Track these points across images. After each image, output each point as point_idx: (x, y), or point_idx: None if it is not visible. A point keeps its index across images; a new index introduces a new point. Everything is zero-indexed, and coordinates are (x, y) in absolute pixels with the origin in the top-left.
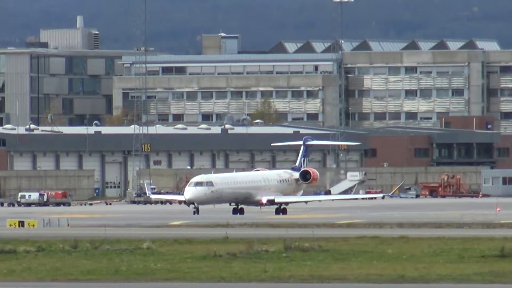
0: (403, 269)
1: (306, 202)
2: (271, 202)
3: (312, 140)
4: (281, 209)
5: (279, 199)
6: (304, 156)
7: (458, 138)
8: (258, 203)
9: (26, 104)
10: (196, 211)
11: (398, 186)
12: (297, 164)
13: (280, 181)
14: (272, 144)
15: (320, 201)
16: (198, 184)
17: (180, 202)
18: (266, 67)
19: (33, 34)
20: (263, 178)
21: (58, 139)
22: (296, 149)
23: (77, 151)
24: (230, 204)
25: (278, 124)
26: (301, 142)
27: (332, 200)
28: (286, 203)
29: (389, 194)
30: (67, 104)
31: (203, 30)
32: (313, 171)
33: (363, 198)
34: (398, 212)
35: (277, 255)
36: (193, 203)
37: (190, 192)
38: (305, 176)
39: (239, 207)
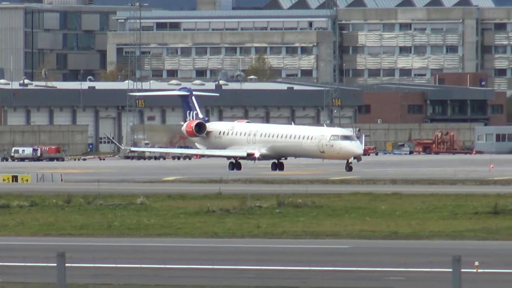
0: (396, 225)
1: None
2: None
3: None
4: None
5: None
6: (200, 107)
7: (452, 95)
8: None
9: (20, 59)
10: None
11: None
12: (200, 115)
13: None
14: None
15: None
16: (350, 138)
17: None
18: (261, 23)
19: None
20: None
21: (52, 94)
22: (289, 105)
23: (71, 106)
24: (228, 159)
25: (272, 80)
26: (179, 93)
27: None
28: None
29: None
30: (61, 60)
31: None
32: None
33: None
34: (392, 169)
35: (270, 211)
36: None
37: (355, 146)
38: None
39: (236, 161)
